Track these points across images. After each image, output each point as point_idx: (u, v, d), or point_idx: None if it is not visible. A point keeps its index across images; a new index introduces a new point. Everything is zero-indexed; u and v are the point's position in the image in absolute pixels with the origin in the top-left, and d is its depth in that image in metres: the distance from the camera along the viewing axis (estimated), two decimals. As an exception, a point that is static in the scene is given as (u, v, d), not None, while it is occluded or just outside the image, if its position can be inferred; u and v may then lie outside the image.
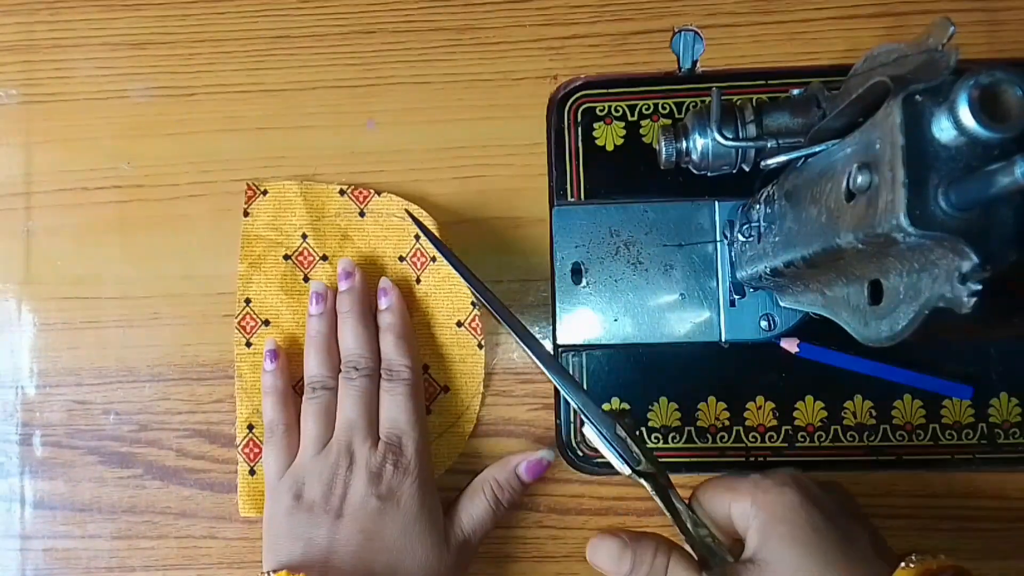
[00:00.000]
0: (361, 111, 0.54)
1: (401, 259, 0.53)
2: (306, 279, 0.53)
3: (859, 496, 0.50)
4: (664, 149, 0.46)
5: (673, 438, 0.51)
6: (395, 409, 0.48)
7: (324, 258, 0.53)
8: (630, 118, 0.53)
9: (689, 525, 0.42)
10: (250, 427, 0.52)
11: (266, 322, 0.53)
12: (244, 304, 0.53)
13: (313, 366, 0.50)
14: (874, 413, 0.50)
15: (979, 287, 0.30)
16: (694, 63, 0.53)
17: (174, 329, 0.54)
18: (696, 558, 0.41)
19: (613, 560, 0.42)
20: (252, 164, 0.54)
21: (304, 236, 0.53)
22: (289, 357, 0.52)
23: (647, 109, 0.53)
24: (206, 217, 0.54)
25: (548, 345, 0.53)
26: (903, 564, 0.38)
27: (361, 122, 0.54)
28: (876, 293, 0.36)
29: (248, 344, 0.53)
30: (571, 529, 0.52)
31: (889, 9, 0.53)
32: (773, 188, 0.44)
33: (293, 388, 0.51)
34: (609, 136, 0.53)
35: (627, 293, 0.52)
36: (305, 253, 0.53)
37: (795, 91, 0.44)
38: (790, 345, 0.50)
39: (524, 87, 0.54)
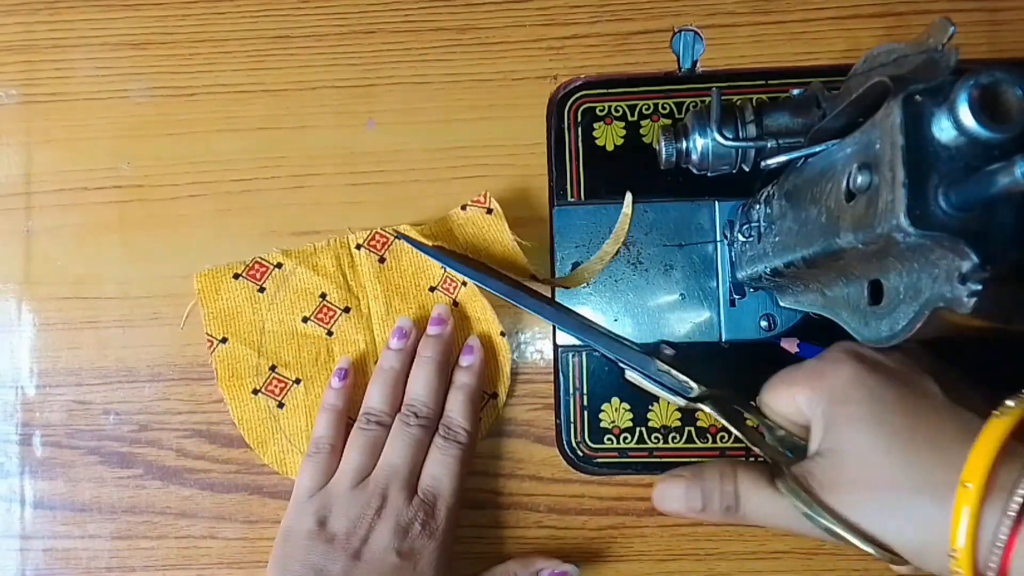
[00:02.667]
0: (361, 111, 0.54)
1: (432, 289, 0.53)
2: (329, 333, 0.53)
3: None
4: (664, 149, 0.46)
5: (673, 438, 0.51)
6: (441, 469, 0.48)
7: (346, 310, 0.53)
8: (630, 118, 0.53)
9: (765, 433, 0.41)
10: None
11: (297, 381, 0.53)
12: (269, 371, 0.53)
13: (375, 398, 0.50)
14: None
15: (979, 287, 0.30)
16: (694, 63, 0.53)
17: (174, 329, 0.54)
18: (770, 463, 0.40)
19: (683, 501, 0.41)
20: (252, 164, 0.54)
21: (323, 295, 0.53)
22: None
23: (647, 109, 0.53)
24: (206, 217, 0.54)
25: (548, 345, 0.53)
26: (996, 412, 0.34)
27: (361, 122, 0.54)
28: (876, 293, 0.36)
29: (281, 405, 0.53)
30: (571, 529, 0.52)
31: (889, 9, 0.53)
32: (773, 188, 0.44)
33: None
34: (609, 136, 0.53)
35: (627, 293, 0.52)
36: (324, 311, 0.53)
37: (795, 91, 0.44)
38: (790, 345, 0.49)
39: (524, 87, 0.54)
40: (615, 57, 0.54)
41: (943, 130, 0.29)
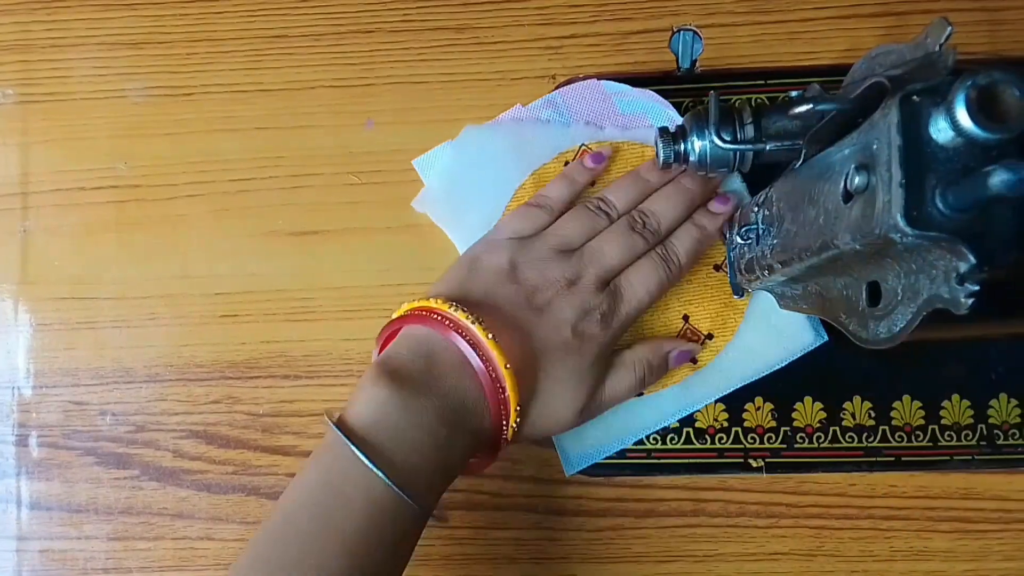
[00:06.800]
0: (359, 111, 0.54)
1: None
2: None
3: (857, 497, 0.51)
4: (662, 151, 0.46)
5: (671, 439, 0.51)
6: (641, 278, 0.47)
7: None
8: (629, 118, 0.53)
9: None
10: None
11: None
12: None
13: (617, 193, 0.49)
14: (873, 414, 0.50)
15: (977, 288, 0.29)
16: (693, 63, 0.53)
17: (171, 329, 0.54)
18: None
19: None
20: (250, 164, 0.54)
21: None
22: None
23: (646, 109, 0.52)
24: (204, 217, 0.54)
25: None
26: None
27: (359, 122, 0.54)
28: (874, 294, 0.36)
29: None
30: (569, 530, 0.52)
31: (889, 9, 0.53)
32: (771, 190, 0.44)
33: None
34: (608, 136, 0.53)
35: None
36: None
37: (794, 93, 0.44)
38: None
39: (523, 87, 0.54)
40: (614, 57, 0.54)
41: (941, 131, 0.29)
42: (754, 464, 0.51)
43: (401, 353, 0.44)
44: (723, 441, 0.51)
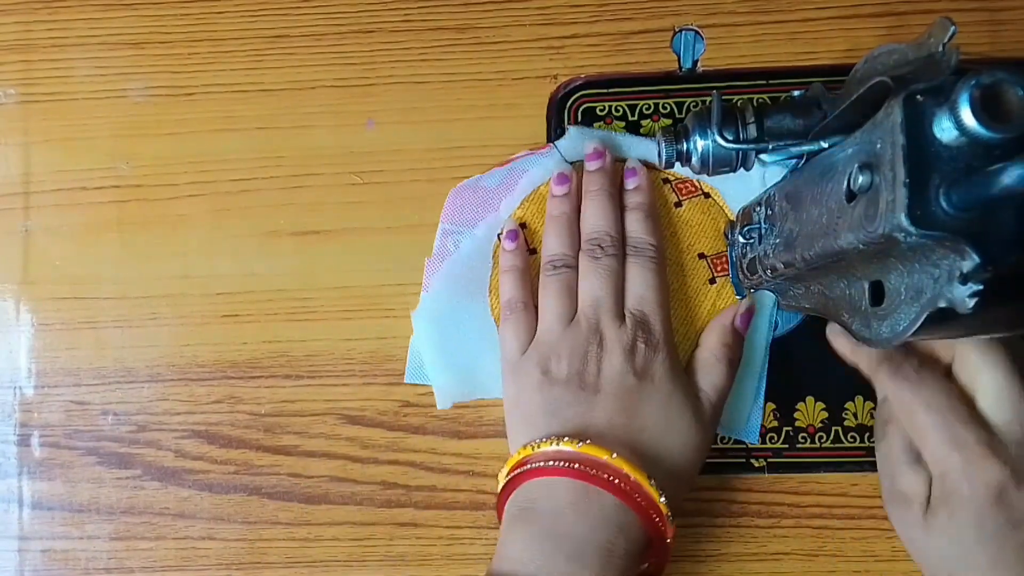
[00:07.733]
0: (360, 111, 0.54)
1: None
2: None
3: (859, 497, 0.51)
4: (664, 151, 0.46)
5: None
6: (642, 285, 0.47)
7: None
8: (630, 118, 0.53)
9: None
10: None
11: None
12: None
13: (554, 244, 0.49)
14: (875, 414, 0.50)
15: (980, 287, 0.29)
16: (695, 63, 0.53)
17: (172, 329, 0.54)
18: None
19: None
20: (251, 164, 0.54)
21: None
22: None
23: (647, 109, 0.53)
24: (205, 217, 0.54)
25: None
26: None
27: (360, 122, 0.54)
28: (877, 294, 0.36)
29: None
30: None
31: (890, 9, 0.53)
32: (774, 189, 0.44)
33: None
34: (609, 136, 0.53)
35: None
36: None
37: (796, 92, 0.44)
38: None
39: (524, 87, 0.54)
40: (615, 57, 0.54)
41: (944, 130, 0.29)
42: (756, 464, 0.51)
43: (517, 513, 0.44)
44: (725, 441, 0.51)
